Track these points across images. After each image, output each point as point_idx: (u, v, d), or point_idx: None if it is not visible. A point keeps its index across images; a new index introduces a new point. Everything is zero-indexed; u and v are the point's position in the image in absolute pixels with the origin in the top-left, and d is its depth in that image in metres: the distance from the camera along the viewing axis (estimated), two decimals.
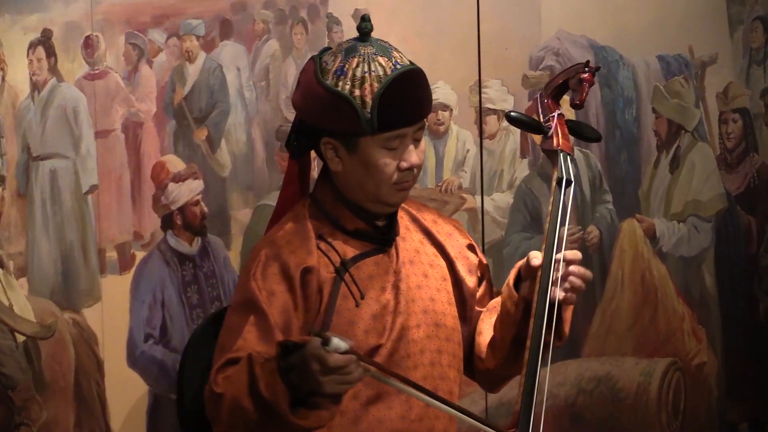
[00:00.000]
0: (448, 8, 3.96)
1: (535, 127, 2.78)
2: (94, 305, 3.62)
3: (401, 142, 2.64)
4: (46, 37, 3.55)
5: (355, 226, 2.70)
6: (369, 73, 2.61)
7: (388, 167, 2.64)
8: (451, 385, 2.75)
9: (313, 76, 2.65)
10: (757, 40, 4.35)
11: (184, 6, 3.71)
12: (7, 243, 3.53)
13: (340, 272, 2.66)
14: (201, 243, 3.73)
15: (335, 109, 2.61)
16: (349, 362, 2.39)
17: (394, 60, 2.64)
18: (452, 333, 2.77)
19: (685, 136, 4.29)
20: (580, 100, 2.74)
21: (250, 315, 2.60)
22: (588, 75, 2.75)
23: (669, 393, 4.27)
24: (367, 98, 2.60)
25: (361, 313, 2.65)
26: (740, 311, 4.39)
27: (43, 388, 3.55)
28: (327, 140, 2.66)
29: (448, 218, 2.92)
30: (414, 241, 2.78)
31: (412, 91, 2.65)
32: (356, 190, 2.68)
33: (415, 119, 2.66)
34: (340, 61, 2.64)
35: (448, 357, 2.75)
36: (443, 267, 2.80)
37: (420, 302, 2.72)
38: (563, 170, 2.70)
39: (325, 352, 2.37)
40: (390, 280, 2.70)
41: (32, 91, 3.56)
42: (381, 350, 2.65)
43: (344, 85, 2.61)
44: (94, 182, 3.63)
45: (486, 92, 4.01)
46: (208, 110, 3.76)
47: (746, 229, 4.38)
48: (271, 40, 3.82)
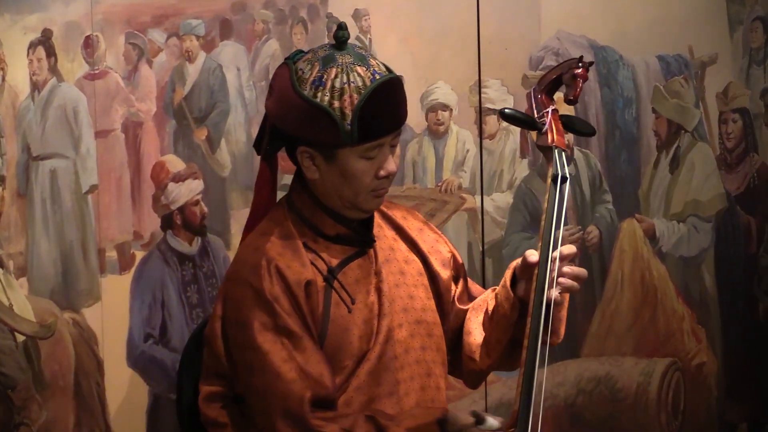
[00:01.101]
0: (448, 8, 3.96)
1: (529, 124, 2.76)
2: (94, 305, 3.62)
3: (379, 150, 2.63)
4: (46, 37, 3.55)
5: (335, 231, 2.68)
6: (348, 84, 2.58)
7: (366, 176, 2.63)
8: (437, 379, 2.75)
9: (290, 85, 2.61)
10: (756, 40, 4.35)
11: (184, 6, 3.71)
12: (7, 243, 3.53)
13: (329, 280, 2.64)
14: (201, 243, 3.73)
15: (314, 120, 2.58)
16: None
17: (372, 69, 2.61)
18: (433, 327, 2.76)
19: (684, 136, 4.29)
20: (573, 95, 2.73)
21: (282, 338, 2.57)
22: (581, 70, 2.74)
23: (669, 393, 4.27)
24: (347, 110, 2.57)
25: (354, 319, 2.64)
26: (740, 311, 4.39)
27: (42, 387, 3.55)
28: (304, 149, 2.63)
29: (417, 214, 2.91)
30: (388, 239, 2.77)
31: (391, 100, 2.63)
32: (333, 197, 2.66)
33: (394, 128, 2.65)
34: (318, 70, 2.60)
35: (432, 353, 2.74)
36: (418, 262, 2.79)
37: (400, 301, 2.71)
38: (558, 166, 2.69)
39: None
40: (372, 282, 2.70)
41: (32, 91, 3.56)
42: (370, 354, 2.65)
43: (323, 97, 2.57)
44: (94, 182, 3.63)
45: (486, 92, 4.01)
46: (208, 110, 3.76)
47: (746, 229, 4.38)
48: (271, 40, 3.82)
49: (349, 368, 2.62)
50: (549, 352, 2.61)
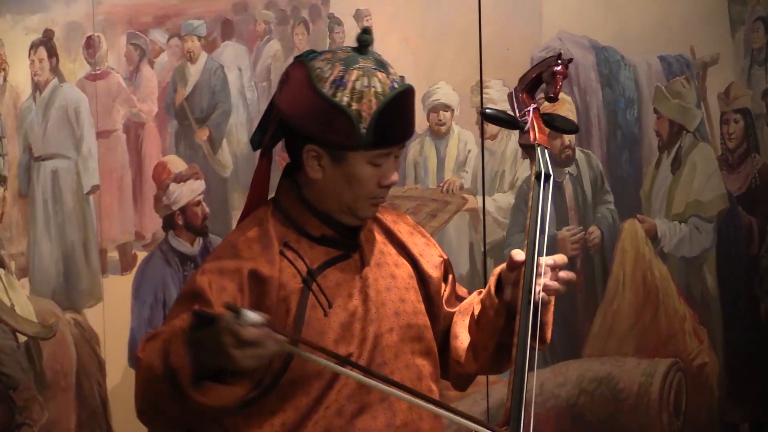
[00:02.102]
0: (449, 9, 3.96)
1: (511, 123, 2.77)
2: (96, 305, 3.62)
3: (386, 159, 2.63)
4: (48, 37, 3.55)
5: (321, 232, 2.68)
6: (369, 87, 2.58)
7: (370, 182, 2.63)
8: (429, 383, 2.74)
9: (307, 83, 2.60)
10: (758, 41, 4.35)
11: (186, 6, 3.71)
12: (9, 243, 3.53)
13: (307, 282, 2.63)
14: (202, 243, 3.73)
15: (330, 119, 2.59)
16: (262, 336, 2.37)
17: (391, 78, 2.62)
18: (424, 330, 2.76)
19: (686, 136, 4.29)
20: (554, 92, 2.73)
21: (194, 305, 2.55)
22: (561, 68, 2.74)
23: (670, 393, 4.27)
24: (365, 113, 2.57)
25: (330, 323, 2.63)
26: (741, 312, 4.39)
27: (44, 388, 3.55)
28: (312, 147, 2.62)
29: (407, 218, 2.91)
30: (378, 243, 2.77)
31: (406, 110, 2.64)
32: (331, 200, 2.66)
33: (405, 138, 2.66)
34: (339, 71, 2.60)
35: (422, 356, 2.74)
36: (408, 265, 2.79)
37: (390, 305, 2.71)
38: (541, 164, 2.69)
39: (239, 326, 2.34)
40: (357, 285, 2.69)
41: (34, 91, 3.56)
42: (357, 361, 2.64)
43: (343, 97, 2.57)
44: (95, 182, 3.63)
45: (487, 93, 4.01)
46: (209, 110, 3.76)
47: (747, 229, 4.38)
48: (272, 41, 3.82)
49: (326, 373, 2.60)
50: (549, 352, 2.62)
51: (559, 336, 3.85)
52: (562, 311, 3.02)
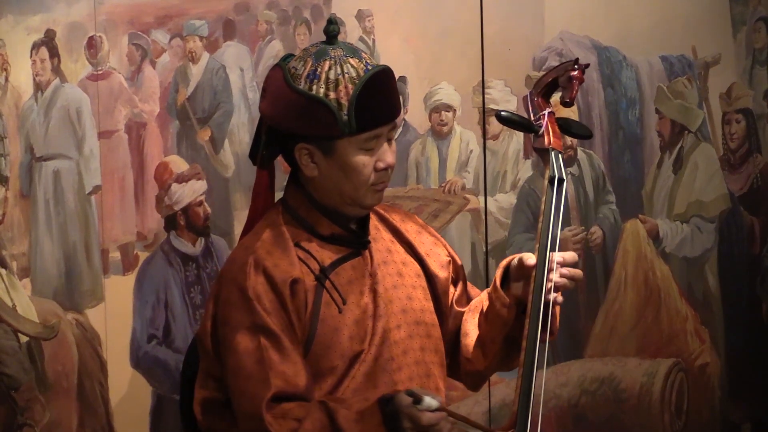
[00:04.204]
0: (451, 9, 3.96)
1: (526, 126, 2.77)
2: (98, 306, 3.62)
3: (377, 142, 2.64)
4: (50, 37, 3.56)
5: (330, 231, 2.69)
6: (342, 75, 2.60)
7: (366, 168, 2.64)
8: (436, 381, 2.75)
9: (284, 83, 2.63)
10: (760, 41, 4.35)
11: (187, 7, 3.71)
12: (11, 243, 3.53)
13: (320, 279, 2.65)
14: (204, 243, 3.73)
15: (311, 113, 2.60)
16: (440, 420, 2.48)
17: (364, 61, 2.64)
18: (432, 329, 2.77)
19: (688, 136, 4.28)
20: (570, 97, 2.73)
21: (259, 337, 2.58)
22: (578, 72, 2.74)
23: (672, 393, 4.27)
24: (343, 100, 2.59)
25: (345, 319, 2.65)
26: (743, 312, 4.38)
27: (46, 388, 3.55)
28: (302, 146, 2.64)
29: (416, 217, 2.91)
30: (385, 241, 2.78)
31: (385, 90, 2.65)
32: (333, 194, 2.67)
33: (391, 118, 2.67)
34: (311, 65, 2.62)
35: (430, 354, 2.75)
36: (415, 264, 2.80)
37: (398, 302, 2.72)
38: (555, 168, 2.69)
39: (418, 411, 2.46)
40: (367, 283, 2.70)
41: (35, 91, 3.56)
42: (365, 356, 2.65)
43: (318, 89, 2.60)
44: (97, 183, 3.63)
45: (489, 93, 4.01)
46: (211, 111, 3.76)
47: (749, 229, 4.38)
48: (274, 41, 3.82)
49: (339, 369, 2.62)
50: (551, 352, 2.62)
51: (560, 336, 3.85)
52: (564, 312, 3.01)
